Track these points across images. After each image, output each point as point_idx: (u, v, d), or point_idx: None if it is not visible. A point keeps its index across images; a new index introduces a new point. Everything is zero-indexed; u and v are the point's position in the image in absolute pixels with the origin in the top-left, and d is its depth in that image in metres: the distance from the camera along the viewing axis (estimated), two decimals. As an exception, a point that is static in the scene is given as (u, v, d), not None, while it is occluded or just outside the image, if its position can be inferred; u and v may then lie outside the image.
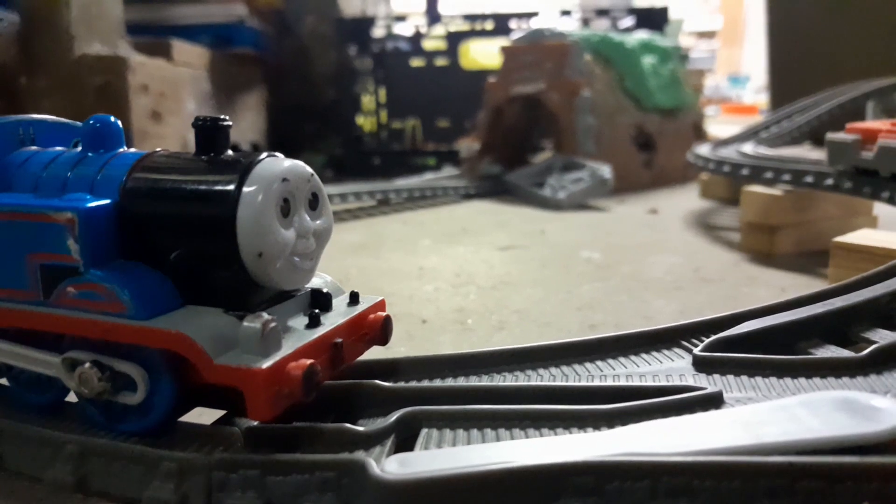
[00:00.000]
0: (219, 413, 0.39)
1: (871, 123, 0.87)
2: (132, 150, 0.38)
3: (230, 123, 0.36)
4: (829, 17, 1.93)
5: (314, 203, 0.36)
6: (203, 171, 0.34)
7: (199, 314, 0.33)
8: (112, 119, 0.39)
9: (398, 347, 0.66)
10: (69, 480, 0.34)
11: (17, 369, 0.38)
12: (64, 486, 0.34)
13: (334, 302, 0.37)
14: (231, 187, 0.33)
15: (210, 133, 0.35)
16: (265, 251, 0.32)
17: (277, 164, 0.34)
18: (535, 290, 0.87)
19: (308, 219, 0.35)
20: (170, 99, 1.61)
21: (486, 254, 1.08)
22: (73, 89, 1.41)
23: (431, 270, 0.98)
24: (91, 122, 0.38)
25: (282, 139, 2.22)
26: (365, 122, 2.31)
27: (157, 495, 0.32)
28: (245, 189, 0.32)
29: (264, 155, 0.35)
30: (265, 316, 0.31)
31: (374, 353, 0.41)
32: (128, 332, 0.32)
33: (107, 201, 0.34)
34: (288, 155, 0.36)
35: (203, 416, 0.38)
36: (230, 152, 0.36)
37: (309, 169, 0.36)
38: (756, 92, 5.44)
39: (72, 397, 0.38)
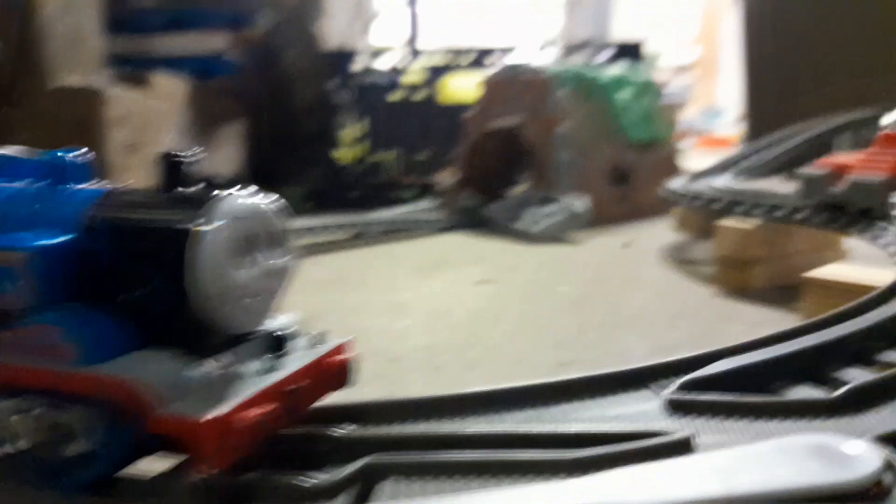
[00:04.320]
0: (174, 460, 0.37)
1: (841, 157, 0.88)
2: (96, 185, 0.37)
3: (194, 158, 0.35)
4: (807, 49, 1.97)
5: (274, 242, 0.34)
6: (160, 208, 0.33)
7: (147, 360, 0.31)
8: (75, 153, 0.37)
9: (366, 388, 0.65)
10: (4, 539, 0.32)
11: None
12: (-1, 544, 0.32)
13: (294, 344, 0.36)
14: (183, 224, 0.31)
15: (173, 168, 0.34)
16: (217, 292, 0.31)
17: (236, 200, 0.33)
18: (508, 327, 0.86)
19: (268, 258, 0.34)
20: (147, 131, 1.60)
21: (460, 288, 1.07)
22: (49, 121, 1.39)
23: (404, 306, 0.96)
24: (53, 155, 0.37)
25: (261, 171, 2.21)
26: (344, 154, 2.32)
27: (99, 555, 0.30)
28: (199, 228, 0.31)
29: (226, 192, 0.33)
30: (213, 363, 0.30)
31: (340, 395, 0.39)
32: (71, 380, 0.31)
33: (61, 239, 0.33)
34: (267, 188, 0.35)
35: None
36: (195, 188, 0.34)
37: (270, 206, 0.34)
38: (731, 125, 5.54)
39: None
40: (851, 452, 0.28)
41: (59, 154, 0.37)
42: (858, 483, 0.27)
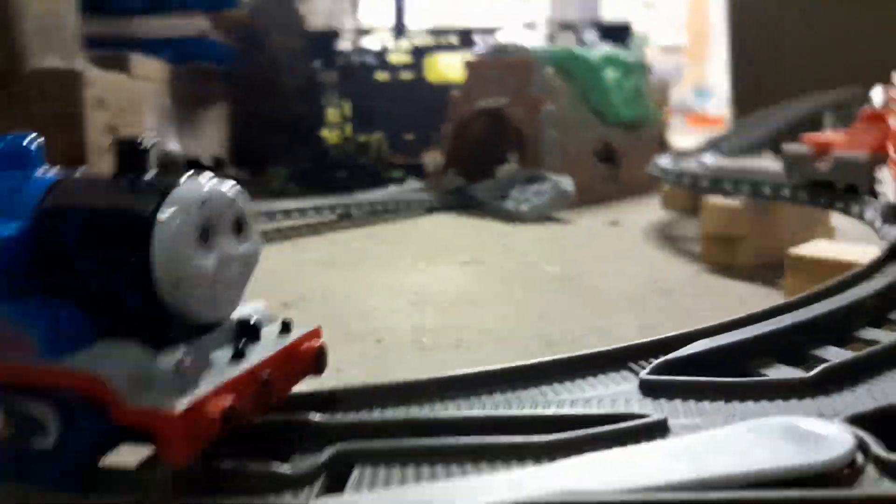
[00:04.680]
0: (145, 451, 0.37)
1: (825, 135, 0.88)
2: (50, 172, 0.36)
3: (152, 144, 0.34)
4: (791, 31, 1.97)
5: (239, 228, 0.34)
6: (118, 196, 0.32)
7: (112, 350, 0.31)
8: (28, 139, 0.36)
9: (350, 370, 0.64)
10: (-26, 532, 0.32)
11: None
12: (-31, 538, 0.32)
13: (264, 332, 0.35)
14: (145, 212, 0.30)
15: (130, 154, 0.33)
16: (182, 280, 0.30)
17: (198, 186, 0.32)
18: (493, 306, 0.85)
19: (232, 244, 0.33)
20: (128, 113, 1.57)
21: (446, 269, 1.07)
22: (27, 104, 1.37)
23: (390, 287, 0.96)
24: (4, 141, 0.36)
25: (246, 153, 2.19)
26: (330, 135, 2.30)
27: (70, 547, 0.30)
28: (160, 214, 0.30)
29: (185, 177, 0.33)
30: (181, 351, 0.29)
31: (319, 380, 0.39)
32: (34, 374, 0.30)
33: (14, 229, 0.32)
34: (253, 169, 0.34)
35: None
36: (152, 174, 0.33)
37: (234, 191, 0.34)
38: (720, 104, 5.53)
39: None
40: (824, 434, 0.28)
41: (9, 139, 0.36)
42: (831, 464, 0.27)
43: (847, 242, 0.81)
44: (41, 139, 0.36)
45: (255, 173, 2.16)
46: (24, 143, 0.36)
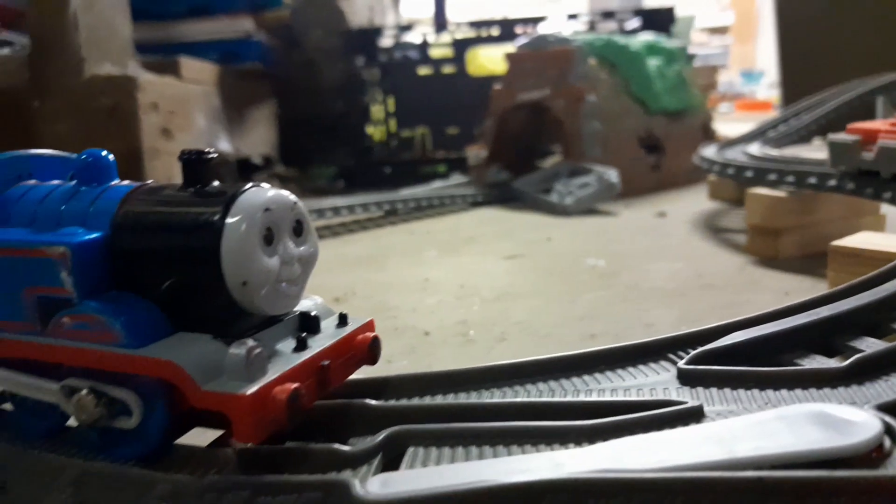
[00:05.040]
0: (216, 433, 0.40)
1: (871, 123, 0.87)
2: (125, 182, 0.40)
3: (215, 156, 0.37)
4: (840, 11, 1.92)
5: (298, 230, 0.37)
6: (188, 204, 0.35)
7: (187, 342, 0.34)
8: (103, 153, 0.40)
9: (400, 361, 0.67)
10: (69, 504, 0.35)
11: (21, 396, 0.40)
12: (64, 509, 0.35)
13: (322, 324, 0.38)
14: (215, 218, 0.34)
15: (195, 166, 0.36)
16: (250, 279, 0.33)
17: (260, 194, 0.35)
18: (537, 301, 0.87)
19: (292, 246, 0.36)
20: (179, 116, 1.63)
21: (491, 263, 1.09)
22: (84, 111, 1.43)
23: (436, 282, 0.99)
24: (83, 156, 0.39)
25: (292, 152, 2.24)
26: (374, 132, 2.33)
27: (152, 518, 0.33)
28: (228, 220, 0.33)
29: (248, 185, 0.36)
30: (250, 342, 0.32)
31: (372, 370, 0.41)
32: (119, 360, 0.33)
33: (97, 234, 0.36)
34: (298, 168, 0.37)
35: (204, 434, 0.40)
36: (217, 184, 0.37)
37: (292, 197, 0.37)
38: (770, 87, 5.40)
39: (73, 421, 0.39)
40: (852, 419, 0.30)
41: (87, 154, 0.39)
42: (858, 448, 0.29)
43: (894, 233, 0.80)
44: (112, 155, 0.40)
45: (302, 171, 2.22)
46: (101, 157, 0.40)
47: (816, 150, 1.32)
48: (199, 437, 0.39)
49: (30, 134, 1.37)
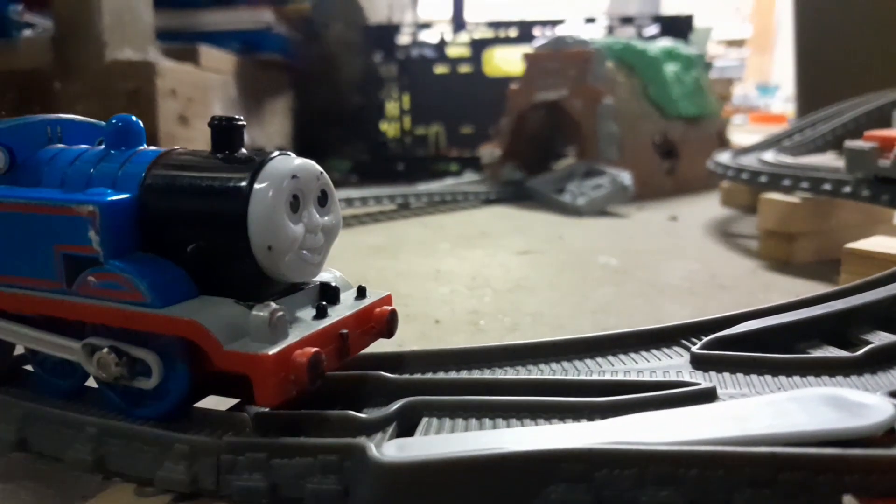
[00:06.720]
0: (232, 401, 0.41)
1: (888, 131, 0.87)
2: (152, 147, 0.40)
3: (244, 123, 0.38)
4: (860, 24, 1.91)
5: (323, 200, 0.37)
6: (217, 169, 0.36)
7: (211, 304, 0.35)
8: (133, 118, 0.41)
9: (411, 346, 0.68)
10: (88, 460, 0.36)
11: (42, 355, 0.40)
12: (83, 465, 0.36)
13: (342, 296, 0.39)
14: (243, 184, 0.34)
15: (225, 132, 0.37)
16: (275, 245, 0.34)
17: (288, 161, 0.36)
18: (549, 294, 0.87)
19: (317, 215, 0.36)
20: (197, 103, 1.65)
21: (503, 258, 1.09)
22: (105, 94, 1.45)
23: (448, 273, 0.99)
24: (114, 121, 0.40)
25: (308, 144, 2.25)
26: (389, 128, 2.34)
27: (170, 476, 0.34)
28: (256, 186, 0.34)
29: (276, 153, 0.36)
30: (273, 305, 0.33)
31: (382, 347, 0.42)
32: (143, 319, 0.34)
33: (126, 195, 0.36)
34: (314, 160, 0.37)
35: (218, 404, 0.40)
36: (245, 151, 0.37)
37: (318, 167, 0.37)
38: (785, 101, 5.38)
39: (92, 382, 0.40)
40: (864, 402, 0.30)
41: (117, 119, 0.40)
42: (870, 430, 0.29)
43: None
44: (148, 124, 0.41)
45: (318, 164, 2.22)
46: (131, 122, 0.41)
47: (832, 160, 1.32)
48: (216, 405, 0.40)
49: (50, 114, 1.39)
